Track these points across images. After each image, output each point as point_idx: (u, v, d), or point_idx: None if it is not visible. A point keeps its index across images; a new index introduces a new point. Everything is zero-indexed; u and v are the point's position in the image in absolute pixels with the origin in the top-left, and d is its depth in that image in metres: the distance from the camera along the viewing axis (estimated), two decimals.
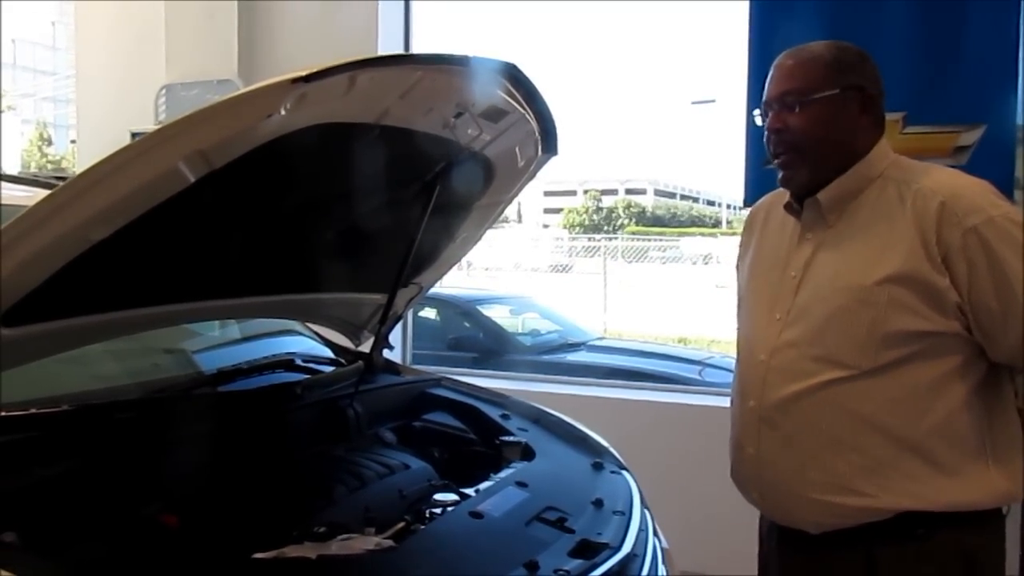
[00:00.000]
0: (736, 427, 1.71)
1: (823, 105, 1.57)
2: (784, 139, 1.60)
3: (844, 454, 1.53)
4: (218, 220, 1.54)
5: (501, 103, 1.72)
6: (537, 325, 7.18)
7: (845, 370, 1.52)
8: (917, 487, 1.50)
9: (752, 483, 1.67)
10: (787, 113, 1.59)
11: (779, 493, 1.62)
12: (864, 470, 1.52)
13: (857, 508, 1.53)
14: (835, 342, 1.53)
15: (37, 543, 1.24)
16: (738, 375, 1.73)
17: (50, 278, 1.32)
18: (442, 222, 2.05)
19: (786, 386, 1.58)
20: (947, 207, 1.48)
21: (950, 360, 1.51)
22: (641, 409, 3.70)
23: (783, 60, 1.64)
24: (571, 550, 1.50)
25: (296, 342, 2.42)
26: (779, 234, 1.72)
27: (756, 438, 1.63)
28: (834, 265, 1.58)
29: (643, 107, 70.95)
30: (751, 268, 1.78)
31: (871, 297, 1.50)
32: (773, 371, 1.60)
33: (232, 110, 1.30)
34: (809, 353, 1.56)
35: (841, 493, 1.53)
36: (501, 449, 2.02)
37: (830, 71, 1.58)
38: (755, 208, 1.87)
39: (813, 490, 1.56)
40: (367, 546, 1.42)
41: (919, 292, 1.48)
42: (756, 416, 1.63)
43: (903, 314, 1.48)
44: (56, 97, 28.31)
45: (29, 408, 1.51)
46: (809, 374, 1.55)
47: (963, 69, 2.86)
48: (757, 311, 1.70)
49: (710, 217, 35.47)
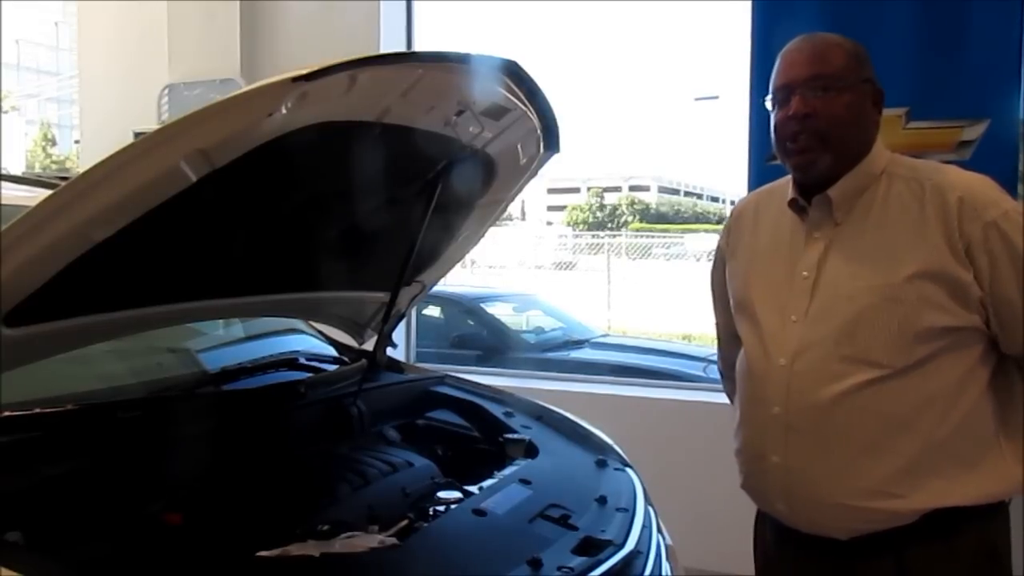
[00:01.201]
0: (753, 435, 1.65)
1: (851, 92, 1.55)
2: (810, 125, 1.54)
3: (881, 457, 1.50)
4: (220, 219, 1.54)
5: (503, 101, 1.72)
6: (541, 322, 7.18)
7: (878, 370, 1.49)
8: (946, 484, 1.49)
9: (778, 493, 1.61)
10: (815, 98, 1.53)
11: (810, 501, 1.56)
12: (900, 472, 1.49)
13: (892, 511, 1.50)
14: (866, 341, 1.49)
15: (42, 542, 1.25)
16: (751, 381, 1.66)
17: (52, 278, 1.32)
18: (444, 220, 2.05)
19: (816, 391, 1.53)
20: (965, 202, 1.47)
21: (971, 354, 1.51)
22: (645, 406, 3.70)
23: (803, 44, 1.59)
24: (575, 547, 1.50)
25: (299, 340, 2.42)
26: (775, 233, 1.67)
27: (783, 446, 1.57)
28: (852, 263, 1.55)
29: (646, 103, 70.91)
30: (748, 270, 1.72)
31: (900, 294, 1.48)
32: (798, 376, 1.55)
33: (233, 109, 1.30)
34: (837, 354, 1.52)
35: (877, 498, 1.50)
36: (505, 447, 2.02)
37: (853, 60, 1.56)
38: (740, 208, 1.82)
39: (849, 496, 1.51)
40: (371, 544, 1.43)
41: (946, 287, 1.47)
42: (782, 423, 1.57)
43: (932, 310, 1.47)
44: (60, 97, 28.36)
45: (33, 408, 1.52)
46: (840, 376, 1.51)
47: (966, 64, 2.85)
48: (766, 314, 1.63)
49: (714, 214, 35.39)
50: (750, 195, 1.81)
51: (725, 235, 1.82)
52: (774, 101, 1.61)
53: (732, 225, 1.81)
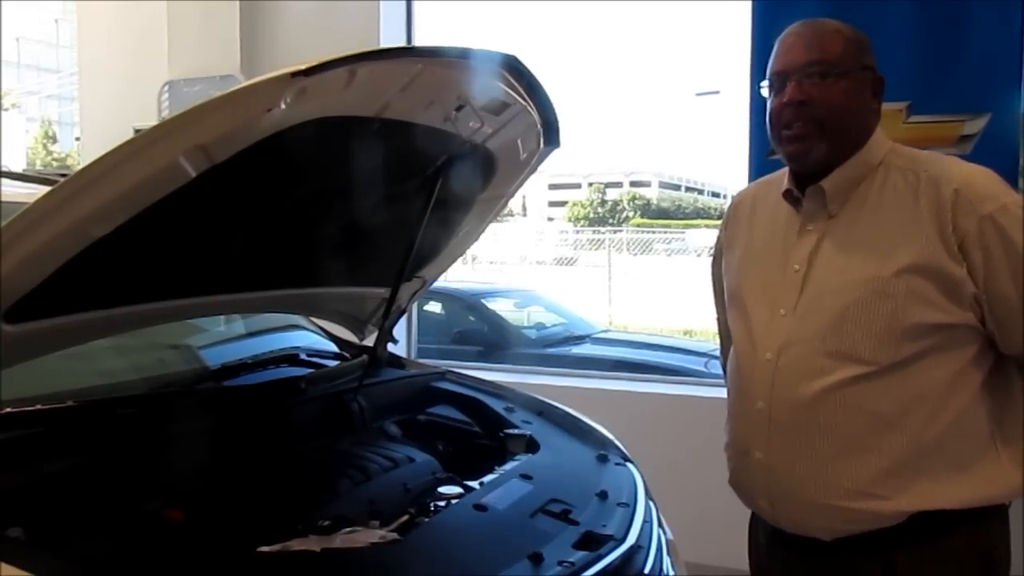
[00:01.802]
0: (738, 430, 1.63)
1: (849, 79, 1.51)
2: (806, 112, 1.50)
3: (864, 457, 1.46)
4: (220, 215, 1.54)
5: (502, 95, 1.71)
6: (542, 318, 7.17)
7: (863, 366, 1.45)
8: (934, 487, 1.45)
9: (760, 490, 1.59)
10: (812, 85, 1.50)
11: (792, 500, 1.53)
12: (885, 473, 1.45)
13: (876, 513, 1.46)
14: (852, 336, 1.46)
15: (43, 538, 1.25)
16: (738, 375, 1.63)
17: (52, 274, 1.32)
18: (445, 216, 2.04)
19: (800, 386, 1.49)
20: (961, 195, 1.43)
21: (964, 353, 1.46)
22: (646, 401, 3.70)
23: (801, 29, 1.56)
24: (575, 542, 1.49)
25: (300, 336, 2.42)
26: (770, 225, 1.64)
27: (765, 442, 1.54)
28: (843, 256, 1.51)
29: (647, 99, 70.96)
30: (743, 261, 1.69)
31: (889, 289, 1.44)
32: (783, 370, 1.52)
33: (232, 104, 1.30)
34: (822, 349, 1.48)
35: (860, 498, 1.46)
36: (505, 442, 2.02)
37: (853, 47, 1.53)
38: (738, 199, 1.79)
39: (830, 496, 1.48)
40: (372, 539, 1.42)
41: (937, 283, 1.43)
42: (765, 418, 1.54)
43: (922, 306, 1.43)
44: (60, 95, 28.36)
45: (34, 404, 1.52)
46: (824, 371, 1.47)
47: (967, 58, 2.84)
48: (756, 307, 1.60)
49: (715, 209, 35.36)
50: (749, 186, 1.79)
51: (723, 227, 1.80)
52: (770, 87, 1.57)
53: (730, 217, 1.78)
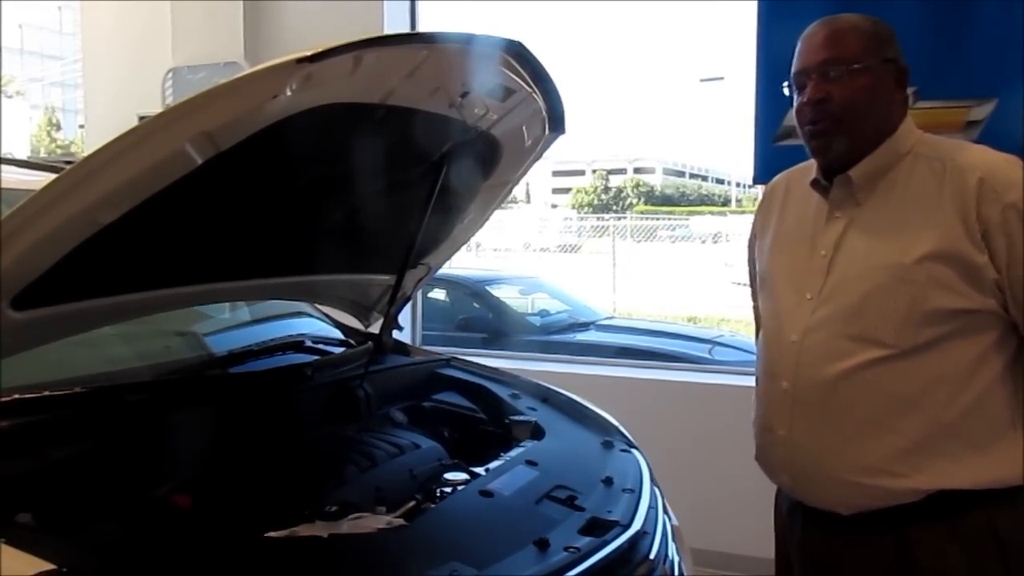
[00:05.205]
0: (764, 408, 1.67)
1: (866, 75, 1.54)
2: (825, 110, 1.55)
3: (883, 436, 1.50)
4: (225, 202, 1.54)
5: (507, 82, 1.71)
6: (546, 305, 7.17)
7: (884, 349, 1.49)
8: (952, 466, 1.48)
9: (783, 466, 1.64)
10: (829, 83, 1.54)
11: (812, 476, 1.59)
12: (902, 451, 1.49)
13: (892, 490, 1.50)
14: (873, 320, 1.50)
15: (52, 524, 1.25)
16: (765, 356, 1.69)
17: (59, 261, 1.32)
18: (450, 202, 2.04)
19: (822, 367, 1.54)
20: (986, 183, 1.46)
21: (986, 338, 1.49)
22: (651, 388, 3.70)
23: (818, 29, 1.59)
24: (581, 528, 1.50)
25: (306, 324, 2.43)
26: (802, 211, 1.68)
27: (788, 420, 1.60)
28: (868, 243, 1.55)
29: (651, 85, 70.62)
30: (774, 246, 1.73)
31: (910, 275, 1.48)
32: (807, 351, 1.57)
33: (237, 91, 1.30)
34: (845, 332, 1.53)
35: (878, 475, 1.51)
36: (511, 428, 2.03)
37: (870, 42, 1.56)
38: (773, 184, 1.83)
39: (849, 472, 1.53)
40: (378, 525, 1.43)
41: (958, 270, 1.46)
42: (790, 398, 1.59)
43: (942, 292, 1.46)
44: (64, 82, 28.30)
45: (42, 391, 1.52)
46: (846, 354, 1.52)
47: (974, 44, 2.83)
48: (784, 291, 1.66)
49: (719, 195, 35.33)
50: (783, 173, 1.81)
51: (757, 212, 1.84)
52: (792, 87, 1.62)
53: (764, 203, 1.83)
